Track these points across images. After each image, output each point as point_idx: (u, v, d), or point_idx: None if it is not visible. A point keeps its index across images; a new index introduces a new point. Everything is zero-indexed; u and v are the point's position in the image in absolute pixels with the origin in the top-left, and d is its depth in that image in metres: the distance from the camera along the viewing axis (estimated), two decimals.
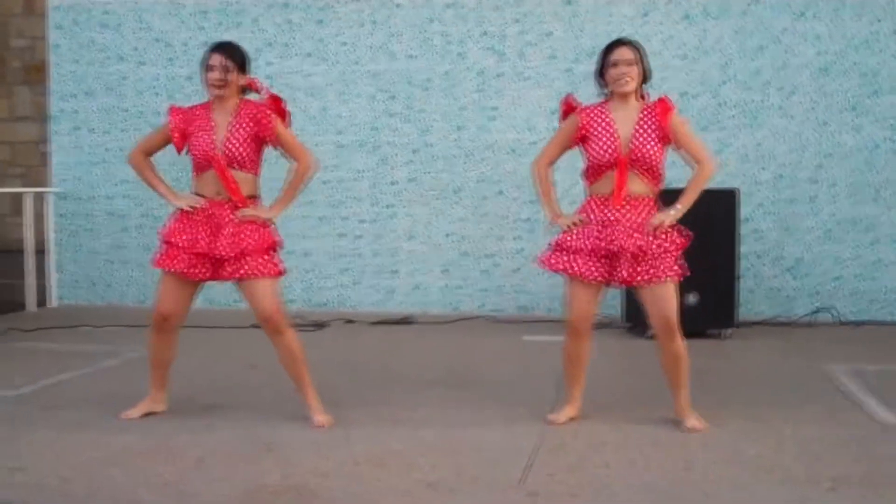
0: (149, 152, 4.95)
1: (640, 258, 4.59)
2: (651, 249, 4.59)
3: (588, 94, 8.24)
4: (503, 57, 8.68)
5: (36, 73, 9.43)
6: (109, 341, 7.23)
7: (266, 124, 4.78)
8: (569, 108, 4.88)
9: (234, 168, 4.75)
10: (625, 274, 4.59)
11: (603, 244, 4.63)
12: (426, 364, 6.47)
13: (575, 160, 7.52)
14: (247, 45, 8.70)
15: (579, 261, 4.66)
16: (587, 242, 4.66)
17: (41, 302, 9.11)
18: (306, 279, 8.96)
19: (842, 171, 8.30)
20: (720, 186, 7.14)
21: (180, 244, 4.74)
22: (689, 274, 4.68)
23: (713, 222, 6.99)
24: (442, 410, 5.12)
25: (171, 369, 5.02)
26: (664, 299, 4.62)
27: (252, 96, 4.95)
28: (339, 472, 4.04)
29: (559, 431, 4.67)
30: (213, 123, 4.78)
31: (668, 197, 4.78)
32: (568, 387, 4.94)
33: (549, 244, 4.82)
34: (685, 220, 4.71)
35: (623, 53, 4.71)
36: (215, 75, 4.74)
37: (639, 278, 4.60)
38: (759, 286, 8.37)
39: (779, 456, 4.27)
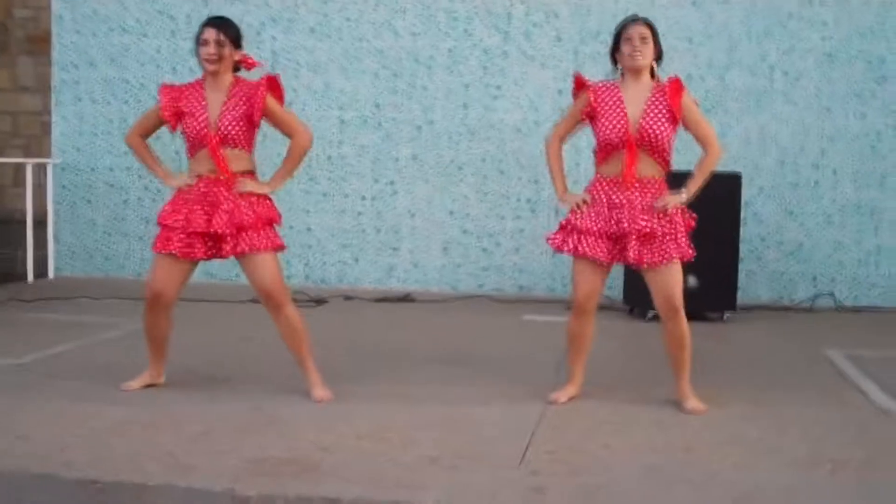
0: (144, 134, 4.94)
1: (647, 240, 4.59)
2: (659, 231, 4.59)
3: (593, 75, 8.24)
4: (508, 36, 8.65)
5: (39, 44, 9.38)
6: (109, 313, 7.23)
7: (256, 103, 4.71)
8: (579, 85, 4.84)
9: (227, 146, 4.71)
10: (632, 255, 4.59)
11: (611, 226, 4.63)
12: (427, 342, 6.48)
13: (578, 140, 7.51)
14: (251, 20, 8.81)
15: (587, 241, 4.65)
16: (596, 224, 4.65)
17: (40, 273, 9.10)
18: (307, 255, 8.95)
19: (845, 156, 8.29)
20: (723, 170, 7.12)
21: (175, 225, 4.71)
22: (694, 255, 4.68)
23: (715, 206, 6.95)
24: (443, 387, 5.13)
25: (172, 342, 5.01)
26: (669, 281, 4.62)
27: (245, 74, 4.91)
28: (342, 445, 4.04)
29: (560, 411, 4.68)
30: (205, 102, 4.74)
31: (675, 180, 4.78)
32: (570, 365, 4.94)
33: (560, 224, 4.81)
34: (689, 203, 4.72)
35: (637, 29, 4.67)
36: (209, 50, 4.69)
37: (646, 260, 4.60)
38: (759, 270, 8.37)
39: (780, 438, 4.28)
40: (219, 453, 3.91)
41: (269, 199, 4.86)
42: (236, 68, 4.85)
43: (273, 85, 4.82)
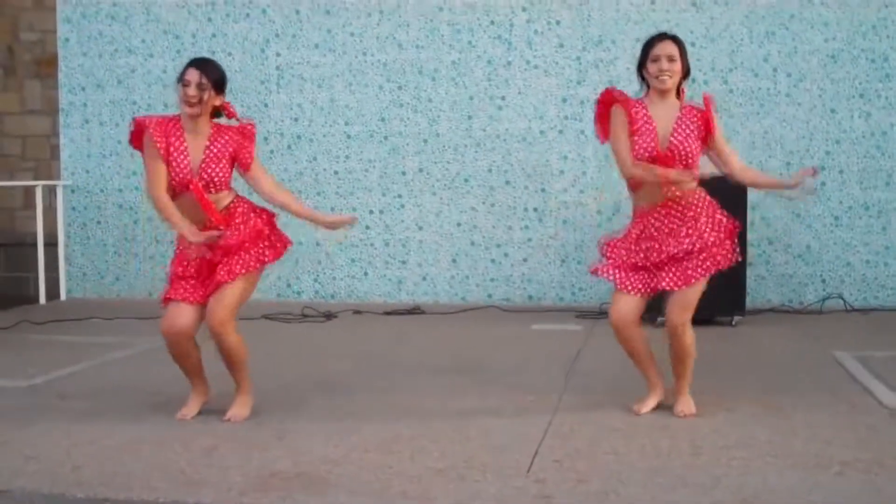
0: (165, 187, 4.62)
1: (680, 262, 4.60)
2: (696, 248, 4.59)
3: (595, 82, 8.33)
4: (511, 46, 8.68)
5: (46, 67, 9.46)
6: (119, 333, 7.27)
7: (244, 154, 4.66)
8: (611, 99, 4.73)
9: (210, 192, 4.61)
10: (665, 284, 4.60)
11: (640, 258, 4.65)
12: (435, 353, 6.49)
13: (583, 149, 7.55)
14: (255, 37, 8.89)
15: (622, 274, 4.67)
16: (626, 257, 4.68)
17: (52, 294, 9.15)
18: (317, 270, 8.99)
19: (851, 157, 8.28)
20: None
21: (187, 275, 4.65)
22: (736, 260, 4.72)
23: (722, 209, 6.99)
24: (451, 398, 5.14)
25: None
26: (688, 298, 4.62)
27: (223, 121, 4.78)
28: (349, 459, 4.06)
29: (568, 418, 4.68)
30: (186, 144, 4.61)
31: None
32: (645, 378, 4.87)
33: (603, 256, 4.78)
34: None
35: (665, 48, 4.62)
36: (190, 91, 4.55)
37: (678, 284, 4.59)
38: (768, 273, 8.36)
39: (788, 440, 4.28)
40: (227, 468, 3.94)
41: (263, 212, 4.76)
42: (217, 114, 4.72)
43: (251, 135, 4.74)
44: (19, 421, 4.70)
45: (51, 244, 9.13)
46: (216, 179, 4.62)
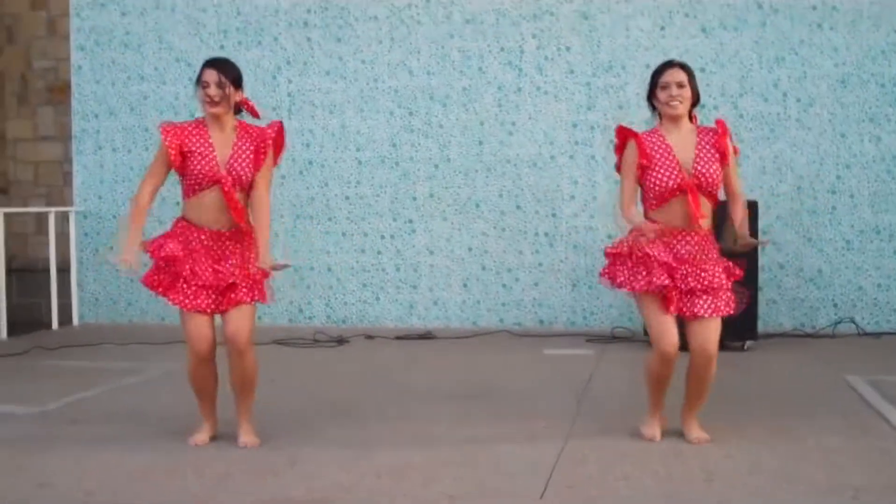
0: (157, 189, 4.71)
1: (714, 291, 4.59)
2: (725, 281, 4.60)
3: (605, 107, 8.36)
4: (522, 72, 8.71)
5: (59, 94, 9.53)
6: (132, 358, 7.29)
7: (260, 157, 4.66)
8: (623, 136, 4.72)
9: (238, 189, 4.62)
10: (702, 311, 4.56)
11: (678, 279, 4.57)
12: (447, 378, 6.49)
13: (593, 173, 7.55)
14: (266, 64, 8.94)
15: (659, 274, 4.53)
16: (666, 256, 4.56)
17: (64, 320, 9.17)
18: (328, 295, 9.00)
19: (861, 181, 8.29)
20: None
21: (185, 275, 4.58)
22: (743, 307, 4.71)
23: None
24: (464, 423, 5.14)
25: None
26: (712, 331, 4.60)
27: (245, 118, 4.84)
28: (361, 485, 4.06)
29: (580, 444, 4.68)
30: (211, 141, 4.64)
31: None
32: (655, 404, 4.83)
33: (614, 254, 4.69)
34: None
35: (674, 75, 4.61)
36: (210, 91, 4.59)
37: (717, 310, 4.59)
38: (780, 298, 8.35)
39: (801, 466, 4.27)
40: (241, 495, 3.94)
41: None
42: (238, 110, 4.78)
43: (279, 138, 4.76)
44: (32, 447, 4.71)
45: (63, 270, 9.16)
46: (244, 177, 4.63)
